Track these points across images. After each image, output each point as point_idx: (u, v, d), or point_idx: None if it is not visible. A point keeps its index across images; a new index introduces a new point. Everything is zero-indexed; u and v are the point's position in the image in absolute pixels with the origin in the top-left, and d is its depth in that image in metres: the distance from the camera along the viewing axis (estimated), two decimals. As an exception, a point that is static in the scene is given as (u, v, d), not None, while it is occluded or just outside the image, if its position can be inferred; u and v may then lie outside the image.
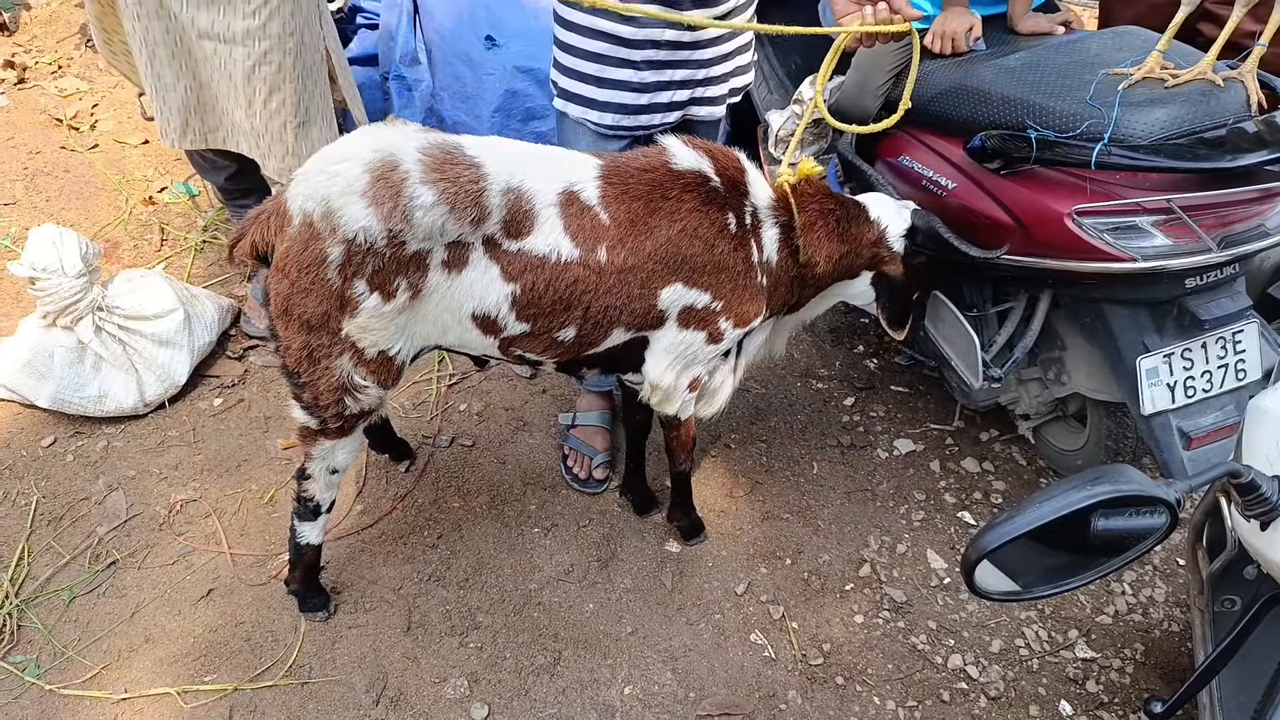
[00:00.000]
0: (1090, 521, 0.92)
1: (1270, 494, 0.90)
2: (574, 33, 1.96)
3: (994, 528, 0.86)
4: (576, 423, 2.42)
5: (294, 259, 1.51)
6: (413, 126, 1.59)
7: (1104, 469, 0.88)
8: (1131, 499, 0.86)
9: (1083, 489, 0.85)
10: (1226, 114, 1.72)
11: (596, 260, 1.60)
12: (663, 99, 2.00)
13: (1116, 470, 0.87)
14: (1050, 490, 0.87)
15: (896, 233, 1.86)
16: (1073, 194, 1.77)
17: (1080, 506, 0.85)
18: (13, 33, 4.07)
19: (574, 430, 2.42)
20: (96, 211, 3.19)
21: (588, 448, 2.37)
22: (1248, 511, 0.94)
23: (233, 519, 2.25)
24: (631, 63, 1.93)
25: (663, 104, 2.01)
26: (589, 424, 2.42)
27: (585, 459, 2.36)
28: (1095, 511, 0.91)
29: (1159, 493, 0.86)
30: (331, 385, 1.62)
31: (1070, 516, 0.89)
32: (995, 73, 1.97)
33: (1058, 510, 0.85)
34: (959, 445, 2.54)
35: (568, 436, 2.42)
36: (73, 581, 2.09)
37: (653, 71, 1.95)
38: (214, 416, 2.52)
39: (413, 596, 2.10)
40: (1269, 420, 0.99)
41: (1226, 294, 1.81)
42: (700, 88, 2.03)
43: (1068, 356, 2.09)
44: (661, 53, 1.93)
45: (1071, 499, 0.85)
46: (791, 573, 2.20)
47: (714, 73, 2.02)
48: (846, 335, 2.89)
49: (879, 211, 1.87)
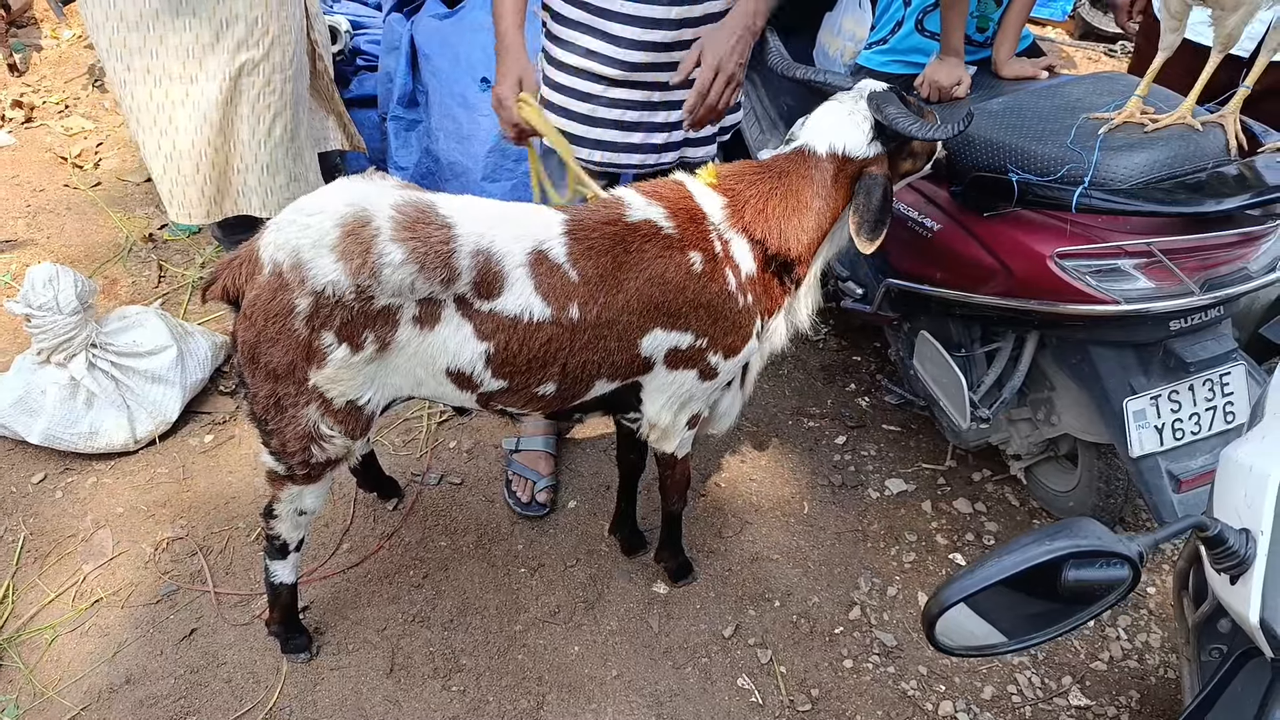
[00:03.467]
0: (1061, 572, 0.91)
1: (1238, 548, 0.89)
2: (564, 72, 1.99)
3: (954, 582, 0.85)
4: (520, 447, 2.44)
5: (261, 307, 1.51)
6: (391, 181, 1.60)
7: (1066, 522, 0.87)
8: (1092, 553, 0.85)
9: (1042, 544, 0.84)
10: (1206, 158, 1.73)
11: (569, 318, 1.59)
12: (657, 140, 2.02)
13: (1078, 524, 0.87)
14: (1011, 544, 0.86)
15: (859, 144, 1.66)
16: (1055, 237, 1.78)
17: (1038, 561, 0.84)
18: (23, 73, 4.15)
19: (517, 455, 2.43)
20: (97, 248, 3.23)
21: (531, 472, 2.39)
22: (1216, 565, 0.93)
23: (219, 557, 2.24)
24: (621, 102, 1.96)
25: (656, 145, 2.03)
26: (533, 449, 2.43)
27: (529, 483, 2.37)
28: (1067, 563, 0.91)
29: (1119, 548, 0.85)
30: (298, 434, 1.61)
31: (1037, 569, 0.88)
32: (979, 117, 1.98)
33: (1017, 565, 0.84)
34: (951, 485, 2.52)
35: (511, 461, 2.43)
36: (56, 620, 2.08)
37: (644, 112, 1.97)
38: (204, 453, 2.52)
39: (396, 638, 2.08)
40: (1239, 471, 0.98)
41: (1212, 336, 1.80)
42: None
43: (1056, 397, 2.08)
44: (654, 94, 1.95)
45: (1030, 553, 0.84)
46: (780, 615, 2.18)
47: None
48: (839, 373, 2.88)
49: (825, 136, 1.67)
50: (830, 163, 1.68)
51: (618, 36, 1.89)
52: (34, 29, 4.53)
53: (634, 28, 1.88)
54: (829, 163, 1.68)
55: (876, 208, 1.64)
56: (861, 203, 1.66)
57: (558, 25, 1.98)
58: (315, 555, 2.24)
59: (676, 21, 1.88)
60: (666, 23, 1.87)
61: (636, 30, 1.88)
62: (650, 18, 1.87)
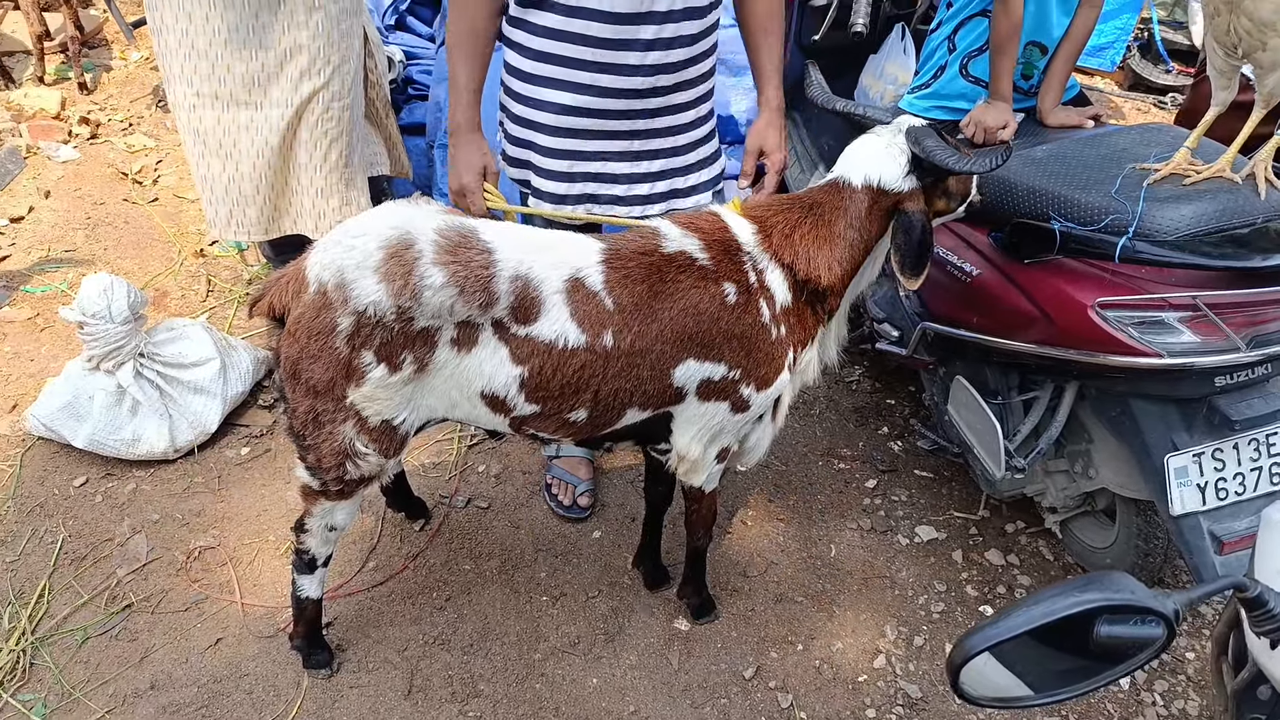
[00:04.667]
0: (1094, 627, 0.88)
1: (1278, 610, 0.86)
2: (541, 133, 1.96)
3: (980, 630, 0.83)
4: (561, 453, 2.46)
5: (305, 325, 1.55)
6: (436, 206, 1.64)
7: (1098, 575, 0.85)
8: (1125, 608, 0.83)
9: (1071, 595, 0.82)
10: (1256, 212, 1.71)
11: (603, 345, 1.60)
12: (640, 190, 2.01)
13: (1110, 577, 0.84)
14: (1040, 594, 0.84)
15: (895, 175, 1.66)
16: (1097, 286, 1.76)
17: (1068, 613, 0.82)
18: (91, 91, 4.32)
19: (558, 461, 2.46)
20: (150, 261, 3.33)
21: (572, 477, 2.42)
22: (1256, 628, 0.89)
23: (248, 569, 2.27)
24: (601, 154, 1.95)
25: (641, 195, 2.02)
26: (572, 454, 2.46)
27: (570, 487, 2.41)
28: (1099, 617, 0.88)
29: (1153, 604, 0.82)
30: (334, 450, 1.64)
31: (1068, 621, 0.86)
32: (1022, 163, 1.98)
33: (1046, 616, 0.82)
34: (983, 536, 2.47)
35: (551, 467, 2.46)
36: (88, 622, 2.12)
37: (626, 163, 1.97)
38: (240, 465, 2.56)
39: (416, 659, 2.08)
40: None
41: (1259, 394, 1.76)
42: (678, 177, 2.04)
43: (1095, 450, 2.04)
44: (635, 143, 1.95)
45: (1059, 605, 0.82)
46: (803, 659, 2.14)
47: (690, 160, 2.04)
48: (871, 415, 2.86)
49: (861, 168, 1.68)
50: (865, 194, 1.68)
51: (591, 86, 1.87)
52: (105, 50, 4.72)
53: (609, 75, 1.85)
54: (863, 194, 1.68)
55: (917, 243, 1.65)
56: (902, 240, 1.67)
57: (528, 85, 1.91)
58: (341, 572, 2.26)
59: (652, 68, 1.86)
60: (643, 69, 1.85)
61: (612, 78, 1.85)
62: (626, 64, 1.84)
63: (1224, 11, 1.60)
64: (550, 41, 1.84)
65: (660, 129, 1.96)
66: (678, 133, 1.99)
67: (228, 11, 2.45)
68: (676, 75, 1.90)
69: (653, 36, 1.82)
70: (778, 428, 1.92)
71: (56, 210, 3.54)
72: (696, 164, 2.06)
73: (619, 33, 1.80)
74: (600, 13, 1.78)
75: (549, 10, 1.81)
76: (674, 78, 1.90)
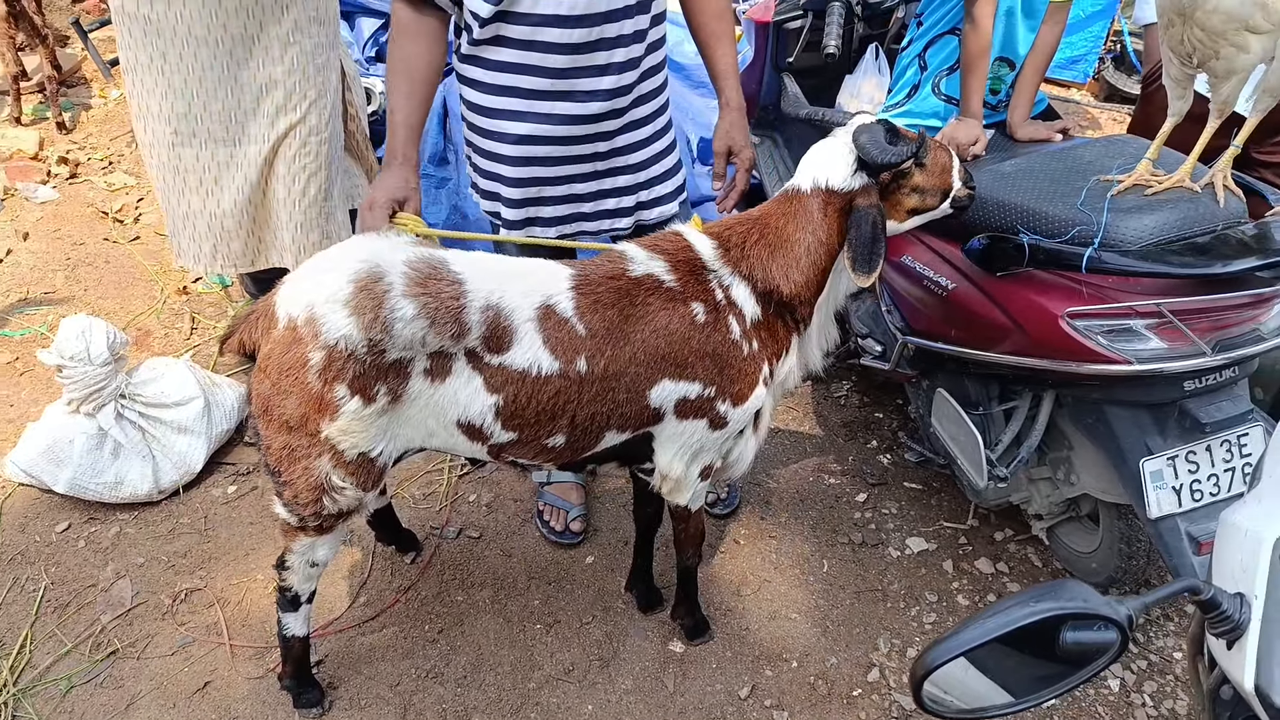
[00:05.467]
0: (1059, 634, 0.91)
1: (1232, 613, 0.88)
2: (505, 164, 1.98)
3: (940, 644, 0.85)
4: (552, 479, 2.46)
5: (276, 361, 1.55)
6: (405, 238, 1.66)
7: (1054, 584, 0.87)
8: (1079, 615, 0.85)
9: (1028, 605, 0.84)
10: (1216, 220, 1.74)
11: (577, 371, 1.62)
12: (608, 205, 2.05)
13: (1066, 586, 0.86)
14: (998, 606, 0.86)
15: (842, 175, 1.66)
16: (1066, 296, 1.79)
17: (1024, 623, 0.83)
18: (70, 131, 4.33)
19: (549, 487, 2.46)
20: (132, 300, 3.32)
21: (563, 502, 2.42)
22: (1212, 630, 0.92)
23: (235, 609, 2.25)
24: (568, 178, 1.98)
25: (609, 209, 2.06)
26: (563, 479, 2.45)
27: (562, 513, 2.40)
28: (1066, 624, 0.90)
29: (1106, 611, 0.84)
30: (310, 485, 1.64)
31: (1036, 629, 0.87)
32: (991, 178, 2.02)
33: (1002, 627, 0.83)
34: (973, 545, 2.49)
35: (542, 493, 2.46)
36: (72, 671, 2.10)
37: (592, 182, 2.00)
38: (226, 504, 2.55)
39: (409, 693, 2.07)
40: (1236, 535, 0.97)
41: (1227, 397, 1.79)
42: (643, 190, 2.08)
43: (1075, 456, 2.06)
44: (600, 164, 1.98)
45: (1015, 615, 0.83)
46: (798, 676, 2.14)
47: (654, 173, 2.08)
48: (860, 429, 2.88)
49: (810, 172, 1.69)
50: (814, 197, 1.68)
51: (551, 115, 1.89)
52: (83, 88, 4.73)
53: (568, 102, 1.88)
54: (813, 198, 1.68)
55: (867, 239, 1.64)
56: (852, 236, 1.66)
57: (488, 119, 1.93)
58: (331, 608, 2.25)
59: (609, 92, 1.89)
60: (600, 93, 1.88)
61: (570, 105, 1.89)
62: (582, 90, 1.87)
63: (1178, 22, 1.64)
64: (507, 75, 1.87)
65: (621, 147, 2.00)
66: (639, 148, 2.03)
67: (201, 49, 2.47)
68: (632, 95, 1.94)
69: (606, 61, 1.86)
70: (760, 440, 1.93)
71: (35, 252, 3.53)
72: (660, 176, 2.10)
73: (574, 61, 1.84)
74: (554, 44, 1.82)
75: (504, 45, 1.84)
76: (630, 98, 1.94)
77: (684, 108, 3.67)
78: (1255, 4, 1.51)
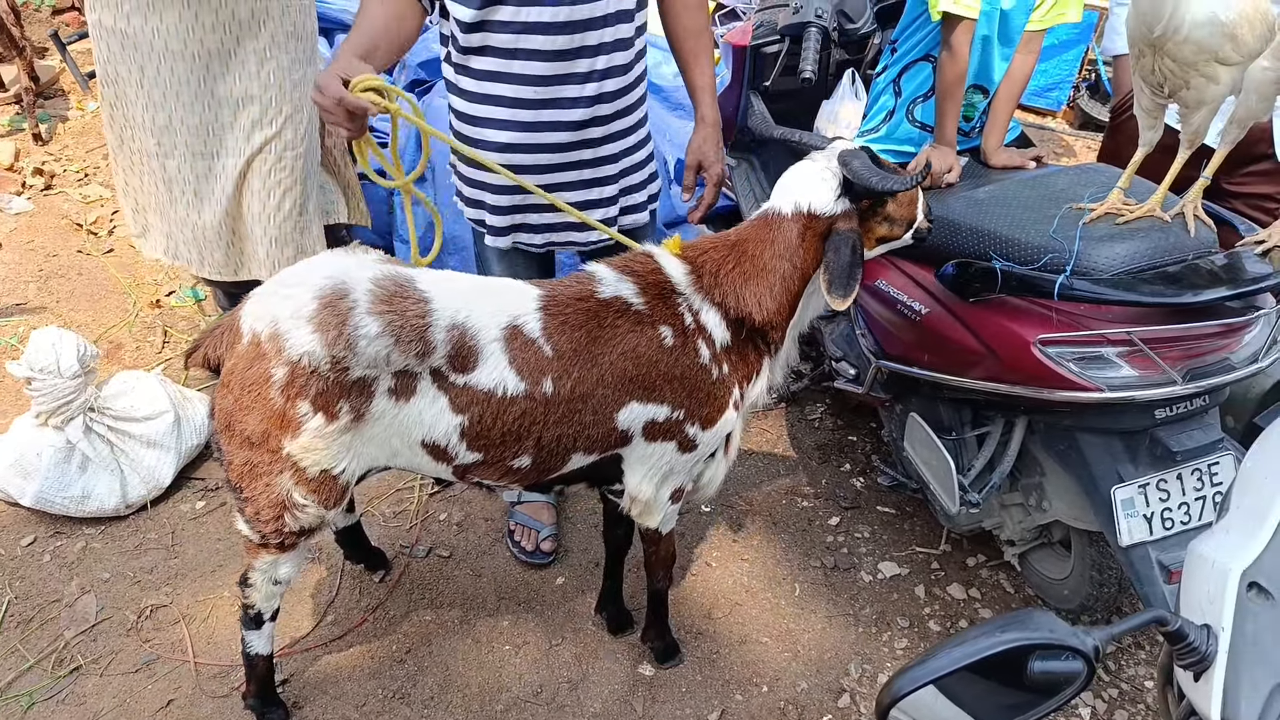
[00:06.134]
0: (1027, 663, 0.90)
1: (1199, 644, 0.88)
2: (489, 175, 1.98)
3: (905, 672, 0.84)
4: (523, 499, 2.44)
5: (239, 376, 1.54)
6: (373, 255, 1.65)
7: (1020, 614, 0.86)
8: (1044, 645, 0.84)
9: (994, 635, 0.84)
10: (1187, 250, 1.76)
11: (543, 393, 1.61)
12: (596, 215, 2.04)
13: (1032, 616, 0.86)
14: (964, 634, 0.86)
15: (826, 200, 1.64)
16: (1039, 323, 1.80)
17: (990, 653, 0.83)
18: (46, 142, 4.29)
19: (520, 506, 2.44)
20: (104, 313, 3.29)
21: (535, 522, 2.40)
22: (1179, 661, 0.91)
23: (201, 626, 2.22)
24: (552, 187, 1.97)
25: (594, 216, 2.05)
26: (534, 499, 2.43)
27: (533, 533, 2.38)
28: (1033, 653, 0.90)
29: (1071, 641, 0.84)
30: (272, 501, 1.62)
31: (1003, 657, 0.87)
32: (965, 204, 2.03)
33: (968, 656, 0.83)
34: (945, 570, 2.49)
35: (513, 512, 2.43)
36: (34, 687, 2.05)
37: (577, 191, 2.01)
38: (194, 520, 2.51)
39: (375, 714, 2.04)
40: (1202, 565, 0.97)
41: (1198, 425, 1.80)
42: (625, 196, 2.09)
43: (1047, 483, 2.07)
44: (584, 172, 2.00)
45: (981, 645, 0.83)
46: (768, 701, 2.13)
47: (635, 180, 2.10)
48: (834, 453, 2.88)
49: (792, 195, 1.67)
50: (795, 222, 1.66)
51: (535, 123, 1.89)
52: (61, 100, 4.70)
53: (551, 110, 1.89)
54: (793, 222, 1.66)
55: (846, 263, 1.61)
56: (831, 259, 1.63)
57: (474, 127, 1.93)
58: (298, 627, 2.22)
59: (591, 99, 1.90)
60: (583, 100, 1.90)
61: (554, 113, 1.89)
62: (566, 98, 1.88)
63: (1149, 53, 1.67)
64: (492, 84, 1.87)
65: (605, 156, 2.00)
66: (622, 157, 2.04)
67: (178, 64, 2.47)
68: (615, 103, 1.95)
69: (588, 69, 1.87)
70: (730, 462, 1.93)
71: (7, 263, 3.49)
72: (638, 185, 2.12)
73: (557, 68, 1.85)
74: (538, 51, 1.82)
75: (488, 55, 1.85)
76: (613, 105, 1.95)
77: (662, 129, 3.69)
78: (1225, 36, 1.53)
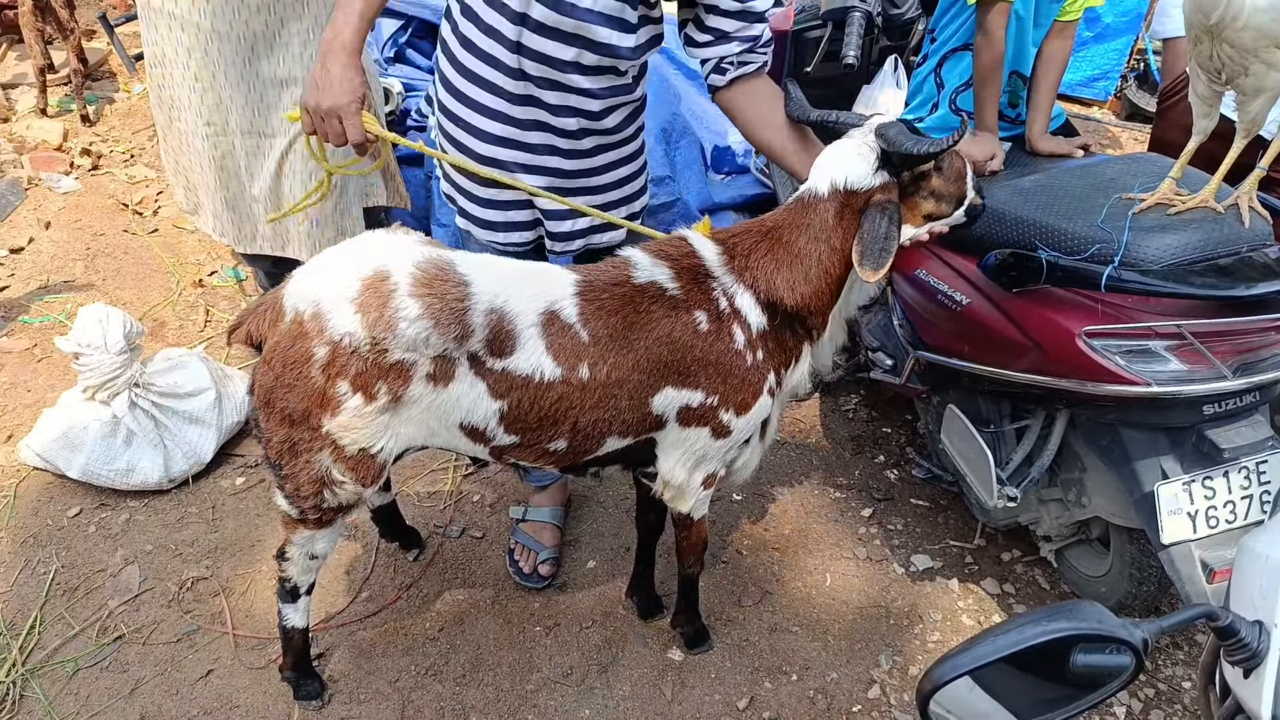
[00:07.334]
0: (1070, 655, 0.89)
1: (1250, 640, 0.86)
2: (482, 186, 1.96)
3: (947, 660, 0.83)
4: (527, 517, 2.41)
5: (281, 354, 1.56)
6: (415, 236, 1.65)
7: (1068, 604, 0.85)
8: (1092, 637, 0.83)
9: (1040, 624, 0.82)
10: (1240, 241, 1.72)
11: (579, 378, 1.61)
12: (564, 227, 2.00)
13: (1080, 607, 0.85)
14: (1009, 623, 0.84)
15: (863, 174, 1.59)
16: (1084, 315, 1.77)
17: (1036, 643, 0.82)
18: (94, 123, 4.37)
19: (523, 524, 2.41)
20: (148, 292, 3.35)
21: (535, 543, 2.36)
22: (1229, 657, 0.90)
23: (240, 599, 2.26)
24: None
25: (564, 233, 2.01)
26: (539, 519, 2.40)
27: (532, 554, 2.34)
28: (1076, 646, 0.88)
29: (1120, 633, 0.82)
30: (311, 478, 1.64)
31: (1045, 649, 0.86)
32: (1010, 193, 2.00)
33: (1013, 645, 0.82)
34: (979, 565, 2.46)
35: (516, 530, 2.41)
36: (79, 653, 2.11)
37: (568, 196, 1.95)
38: (234, 495, 2.56)
39: (408, 690, 2.07)
40: (1256, 561, 0.95)
41: (1247, 422, 1.76)
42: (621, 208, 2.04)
43: (1087, 478, 2.04)
44: (576, 180, 1.94)
45: (1027, 634, 0.82)
46: (797, 689, 2.12)
47: (613, 197, 2.02)
48: (868, 444, 2.86)
49: (828, 173, 1.63)
50: (832, 201, 1.62)
51: (524, 120, 1.85)
52: (108, 82, 4.78)
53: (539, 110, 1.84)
54: (830, 201, 1.62)
55: (880, 235, 1.55)
56: (865, 229, 1.58)
57: (462, 106, 1.89)
58: (334, 603, 2.26)
59: (574, 113, 1.84)
60: (568, 110, 1.83)
61: (543, 114, 1.84)
62: (555, 104, 1.83)
63: (1206, 39, 1.62)
64: (476, 61, 1.81)
65: (595, 167, 1.95)
66: (608, 170, 1.98)
67: (224, 45, 2.50)
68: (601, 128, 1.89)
69: (558, 103, 1.81)
70: (765, 448, 1.91)
71: (56, 241, 3.57)
72: (620, 201, 2.05)
73: (528, 89, 1.80)
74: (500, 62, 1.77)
75: (471, 20, 1.79)
76: (598, 136, 1.89)
77: (698, 114, 3.67)
78: None
